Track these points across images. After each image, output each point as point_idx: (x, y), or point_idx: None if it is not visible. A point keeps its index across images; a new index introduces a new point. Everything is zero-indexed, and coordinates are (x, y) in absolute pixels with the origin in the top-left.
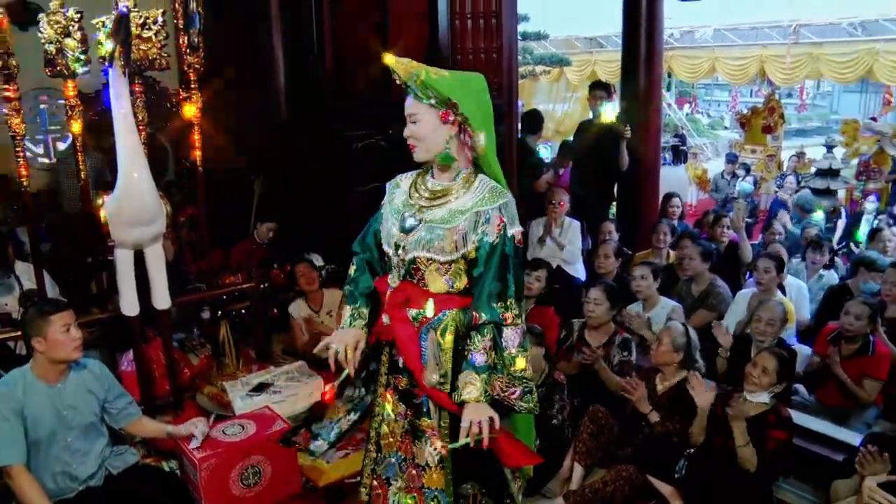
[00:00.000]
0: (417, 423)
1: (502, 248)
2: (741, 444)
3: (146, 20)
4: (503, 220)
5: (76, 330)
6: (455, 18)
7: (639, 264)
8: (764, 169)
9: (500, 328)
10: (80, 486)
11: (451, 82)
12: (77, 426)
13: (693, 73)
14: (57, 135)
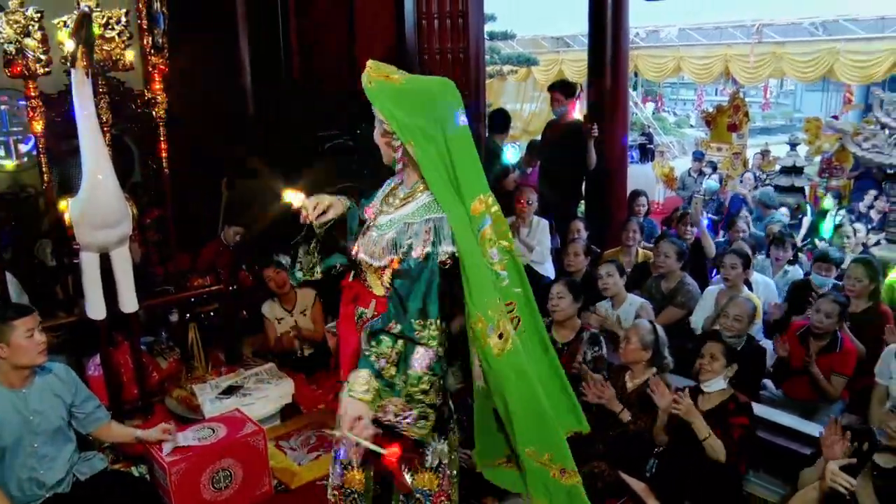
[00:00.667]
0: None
1: (429, 267)
2: (704, 436)
3: (109, 20)
4: (430, 236)
5: (40, 334)
6: (422, 19)
7: (604, 262)
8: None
9: (413, 345)
10: (48, 492)
11: (384, 92)
12: (43, 432)
13: (659, 73)
14: (18, 136)
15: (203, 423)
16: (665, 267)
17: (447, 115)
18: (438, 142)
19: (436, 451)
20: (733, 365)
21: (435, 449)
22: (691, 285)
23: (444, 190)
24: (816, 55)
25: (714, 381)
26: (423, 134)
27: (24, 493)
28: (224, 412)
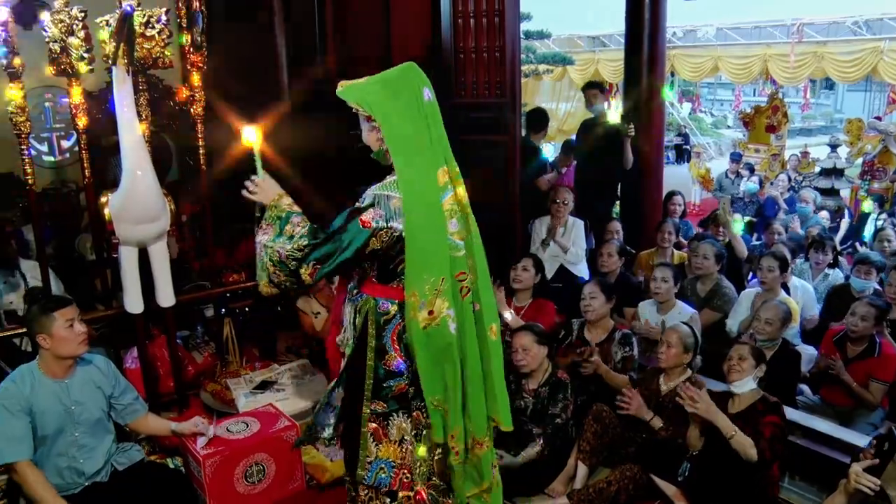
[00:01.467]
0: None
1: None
2: (730, 434)
3: (149, 18)
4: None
5: (80, 325)
6: (458, 17)
7: (660, 265)
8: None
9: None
10: (87, 481)
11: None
12: (84, 422)
13: (696, 72)
14: (61, 133)
15: (237, 417)
16: (703, 269)
17: (417, 92)
18: (416, 119)
19: (399, 426)
20: (762, 365)
21: (398, 424)
22: (728, 288)
23: (408, 167)
24: (859, 54)
25: (743, 381)
26: (386, 114)
27: (63, 481)
28: (258, 407)
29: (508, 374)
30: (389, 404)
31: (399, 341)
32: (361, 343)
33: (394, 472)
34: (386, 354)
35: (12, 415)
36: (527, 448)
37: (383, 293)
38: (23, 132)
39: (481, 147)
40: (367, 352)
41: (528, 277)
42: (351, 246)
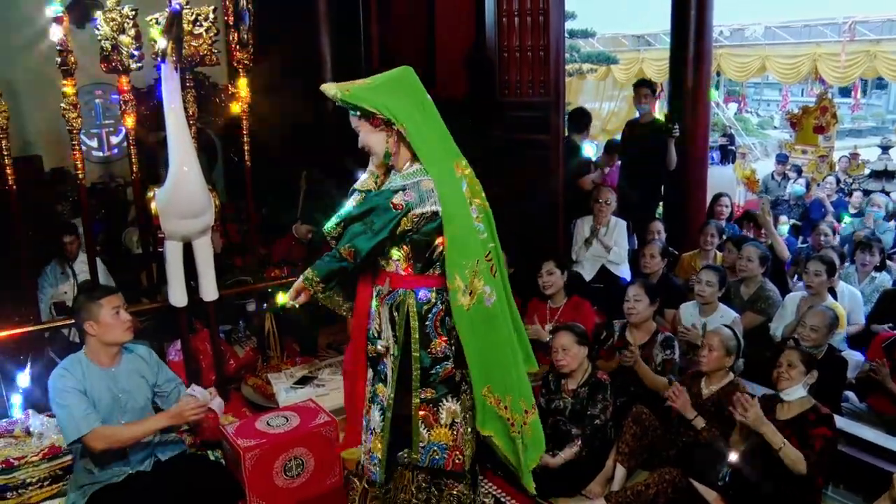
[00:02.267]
0: (375, 388)
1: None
2: (778, 446)
3: (197, 17)
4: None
5: (125, 313)
6: (502, 16)
7: (706, 268)
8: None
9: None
10: (131, 469)
11: (362, 92)
12: (130, 410)
13: (742, 72)
14: (110, 129)
15: (277, 411)
16: (747, 271)
17: (420, 93)
18: (430, 118)
19: (448, 409)
20: (813, 372)
21: (448, 408)
22: (772, 291)
23: (433, 158)
24: None
25: (793, 389)
26: (409, 114)
27: (109, 468)
28: (298, 402)
29: (548, 374)
30: (438, 389)
31: (442, 326)
32: (406, 338)
33: (447, 453)
34: (430, 342)
35: (75, 394)
36: (565, 448)
37: (422, 283)
38: (74, 128)
39: (525, 146)
40: (411, 344)
41: (555, 279)
42: (385, 227)
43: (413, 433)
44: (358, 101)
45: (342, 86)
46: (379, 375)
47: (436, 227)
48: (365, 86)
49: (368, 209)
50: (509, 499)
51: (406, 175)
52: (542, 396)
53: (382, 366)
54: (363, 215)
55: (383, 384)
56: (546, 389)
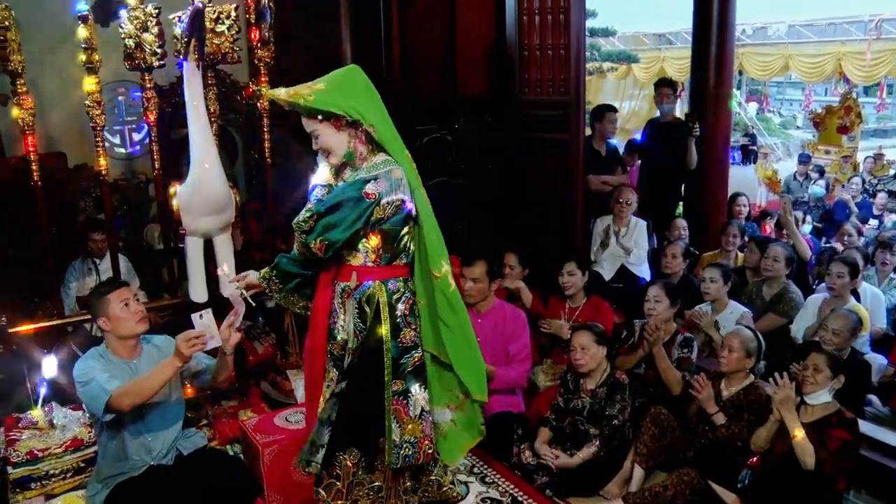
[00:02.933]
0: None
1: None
2: (794, 435)
3: (219, 15)
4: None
5: (136, 304)
6: (522, 14)
7: (708, 266)
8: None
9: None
10: (153, 460)
11: (328, 96)
12: (152, 401)
13: (765, 71)
14: (132, 126)
15: (296, 407)
16: (773, 271)
17: (373, 89)
18: (382, 112)
19: (418, 400)
20: (839, 377)
21: (417, 398)
22: (795, 293)
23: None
24: None
25: (818, 394)
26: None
27: (132, 459)
28: None
29: (566, 373)
30: (408, 380)
31: (411, 315)
32: (373, 330)
33: (417, 447)
34: (400, 332)
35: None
36: (583, 448)
37: (390, 274)
38: (98, 125)
39: (544, 145)
40: (381, 336)
41: (576, 280)
42: (360, 218)
43: (386, 433)
44: (324, 106)
45: (296, 92)
46: (335, 363)
47: (403, 217)
48: (324, 89)
49: (339, 201)
50: (526, 498)
51: (374, 165)
52: (560, 396)
53: (341, 353)
54: (335, 208)
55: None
56: (564, 389)
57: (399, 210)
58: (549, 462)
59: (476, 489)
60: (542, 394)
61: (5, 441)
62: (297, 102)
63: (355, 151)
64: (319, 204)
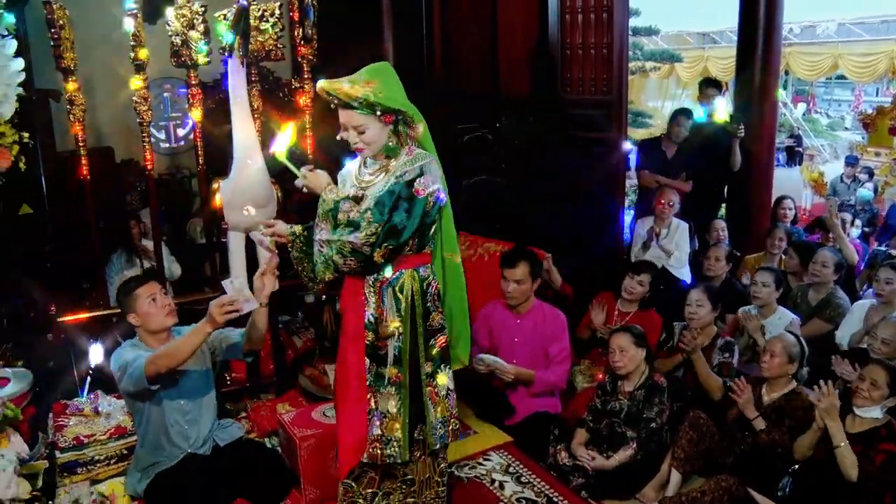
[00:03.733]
0: (381, 371)
1: (393, 186)
2: (838, 443)
3: (264, 13)
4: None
5: (163, 297)
6: (565, 13)
7: (760, 269)
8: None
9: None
10: (190, 448)
11: (392, 92)
12: (188, 390)
13: (813, 71)
14: (177, 121)
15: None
16: (821, 277)
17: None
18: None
19: (443, 380)
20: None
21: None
22: (842, 299)
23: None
24: None
25: (871, 409)
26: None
27: (170, 444)
28: None
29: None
30: (435, 361)
31: (438, 299)
32: (408, 316)
33: (448, 427)
34: (429, 316)
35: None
36: (619, 451)
37: (420, 261)
38: (145, 121)
39: (587, 144)
40: (416, 321)
41: (640, 292)
42: (417, 217)
43: (426, 412)
44: (391, 103)
45: (354, 81)
46: (383, 360)
47: (438, 208)
48: (382, 85)
49: (395, 206)
50: (562, 499)
51: (416, 157)
52: (597, 398)
53: (386, 350)
54: (393, 214)
55: (392, 366)
56: (602, 391)
57: (436, 201)
58: (585, 463)
59: (511, 489)
60: (579, 395)
61: (54, 426)
62: (365, 97)
63: (398, 146)
64: (378, 216)
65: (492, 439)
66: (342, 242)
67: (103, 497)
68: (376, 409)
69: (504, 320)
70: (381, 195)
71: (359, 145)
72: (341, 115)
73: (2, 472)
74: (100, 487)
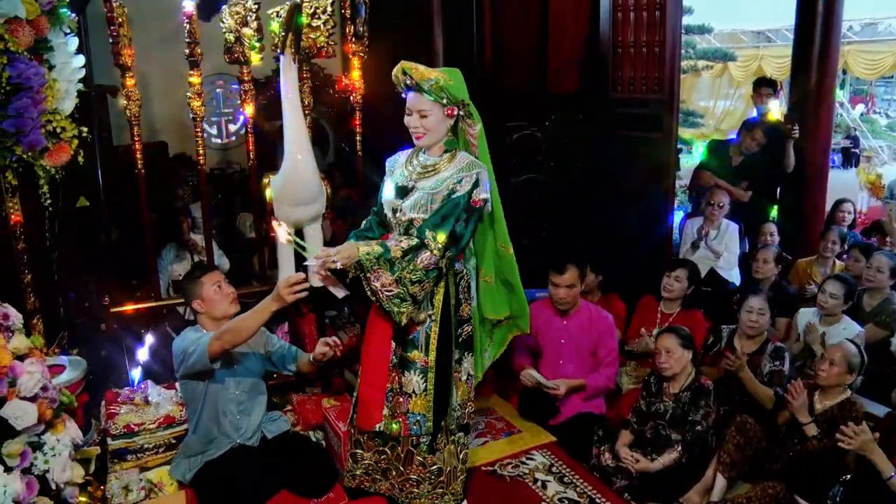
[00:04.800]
0: (407, 355)
1: (457, 197)
2: (888, 476)
3: (316, 10)
4: (471, 182)
5: (227, 286)
6: (617, 10)
7: (833, 279)
8: None
9: (422, 246)
10: (239, 438)
11: (458, 84)
12: (243, 380)
13: (873, 70)
14: (229, 117)
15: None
16: (875, 282)
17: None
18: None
19: (465, 367)
20: None
21: (465, 366)
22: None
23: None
24: None
25: None
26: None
27: (221, 434)
28: None
29: (649, 376)
30: (460, 349)
31: (468, 291)
32: (445, 306)
33: (466, 409)
34: (460, 307)
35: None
36: (664, 454)
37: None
38: (198, 116)
39: (637, 143)
40: (451, 311)
41: (679, 288)
42: (471, 225)
43: (449, 396)
44: (458, 93)
45: (431, 70)
46: (412, 343)
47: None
48: (452, 77)
49: (457, 217)
50: (605, 500)
51: (472, 164)
52: (642, 399)
53: (416, 334)
54: (455, 223)
55: (418, 350)
56: (647, 392)
57: (485, 209)
58: (629, 465)
59: (554, 488)
60: (624, 396)
61: (106, 414)
62: (436, 80)
63: (455, 142)
64: (448, 225)
65: (535, 439)
66: (413, 270)
67: (151, 484)
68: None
69: (550, 321)
70: (445, 208)
71: (419, 130)
72: (409, 99)
73: (58, 456)
74: (148, 475)
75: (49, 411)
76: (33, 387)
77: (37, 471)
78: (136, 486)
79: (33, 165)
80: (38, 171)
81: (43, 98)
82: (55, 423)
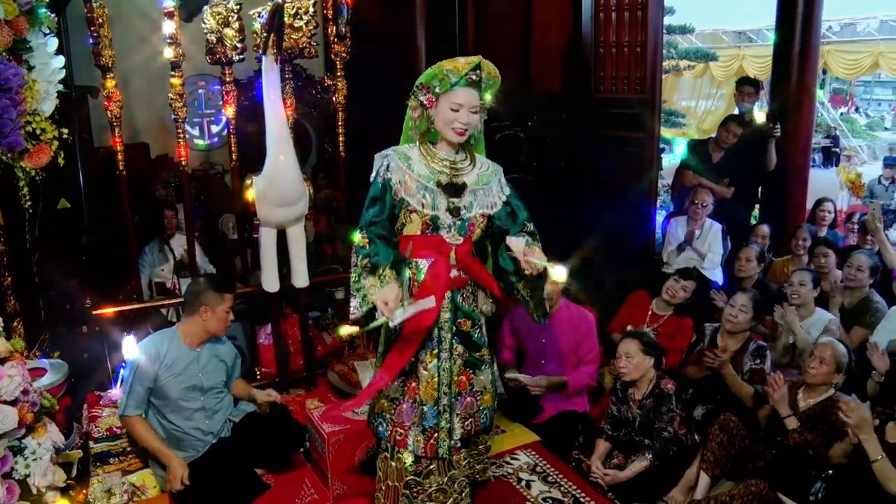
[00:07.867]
0: (476, 356)
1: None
2: (875, 458)
3: (298, 10)
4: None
5: (231, 314)
6: (599, 11)
7: (798, 270)
8: None
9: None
10: (214, 438)
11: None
12: (208, 389)
13: (852, 70)
14: (211, 118)
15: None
16: (856, 281)
17: None
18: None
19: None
20: None
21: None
22: (880, 303)
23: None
24: None
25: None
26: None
27: (195, 439)
28: None
29: (616, 381)
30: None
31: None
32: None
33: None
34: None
35: (141, 379)
36: (635, 462)
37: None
38: (180, 117)
39: (619, 143)
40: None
41: (683, 297)
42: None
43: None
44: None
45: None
46: (477, 343)
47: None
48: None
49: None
50: (588, 499)
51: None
52: (612, 405)
53: (479, 331)
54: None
55: (484, 347)
56: (615, 397)
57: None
58: (599, 481)
59: (538, 488)
60: (607, 394)
61: (88, 417)
62: (499, 80)
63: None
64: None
65: (519, 438)
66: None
67: (134, 487)
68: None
69: (531, 321)
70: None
71: (467, 127)
72: (462, 94)
73: (39, 460)
74: (131, 478)
75: (30, 415)
76: (14, 390)
77: (17, 475)
78: (119, 490)
79: (13, 167)
80: (18, 173)
81: (22, 99)
82: (36, 426)
